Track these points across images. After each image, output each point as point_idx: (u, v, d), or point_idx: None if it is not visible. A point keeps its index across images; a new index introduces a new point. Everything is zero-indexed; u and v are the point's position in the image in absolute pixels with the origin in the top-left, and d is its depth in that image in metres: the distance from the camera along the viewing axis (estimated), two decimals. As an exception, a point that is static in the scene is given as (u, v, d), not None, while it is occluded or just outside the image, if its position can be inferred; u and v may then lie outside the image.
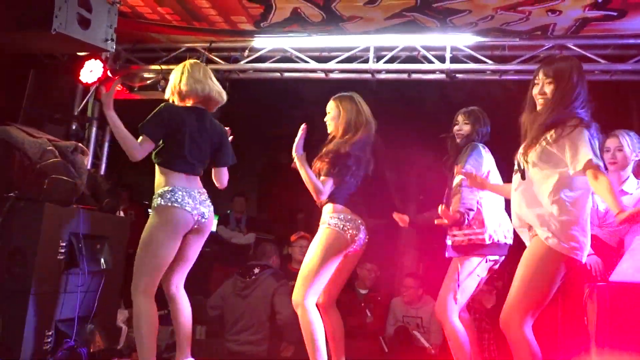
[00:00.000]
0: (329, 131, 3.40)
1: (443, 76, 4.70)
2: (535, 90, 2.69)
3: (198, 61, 3.39)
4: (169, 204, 2.95)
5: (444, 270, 3.48)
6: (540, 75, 2.68)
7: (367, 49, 4.76)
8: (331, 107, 3.39)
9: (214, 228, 5.27)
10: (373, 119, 3.37)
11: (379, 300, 5.09)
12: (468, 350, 3.22)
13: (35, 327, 3.22)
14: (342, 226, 3.20)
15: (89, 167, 4.24)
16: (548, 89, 2.63)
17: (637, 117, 5.56)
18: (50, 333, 3.32)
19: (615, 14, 3.90)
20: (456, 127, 3.53)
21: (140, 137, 2.97)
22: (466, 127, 3.51)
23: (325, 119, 3.40)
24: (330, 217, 3.23)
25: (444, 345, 4.89)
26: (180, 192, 2.97)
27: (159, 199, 2.97)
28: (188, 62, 3.19)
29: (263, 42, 4.89)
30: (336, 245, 3.18)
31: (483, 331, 4.46)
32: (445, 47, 4.62)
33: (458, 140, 3.49)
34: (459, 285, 3.24)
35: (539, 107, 2.67)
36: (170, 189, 2.97)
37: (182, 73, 3.13)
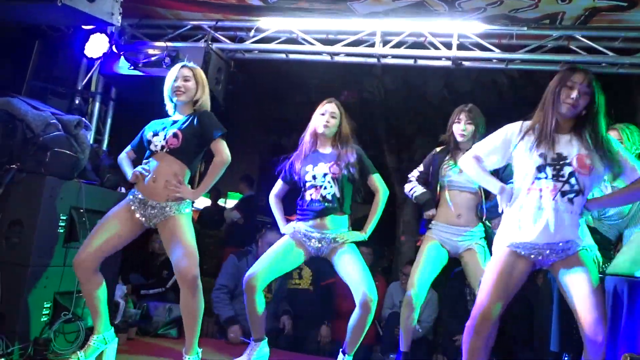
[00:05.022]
0: (327, 132, 3.38)
1: (449, 63, 4.66)
2: (566, 93, 2.55)
3: None
4: None
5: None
6: (581, 80, 2.54)
7: (373, 33, 4.71)
8: (339, 111, 3.45)
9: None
10: None
11: (377, 285, 5.11)
12: None
13: (34, 299, 3.24)
14: None
15: (91, 142, 4.24)
16: (582, 101, 2.54)
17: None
18: (48, 306, 3.34)
19: (625, 4, 3.85)
20: (459, 126, 3.48)
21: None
22: (470, 127, 3.48)
23: (331, 120, 3.39)
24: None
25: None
26: None
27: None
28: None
29: (269, 23, 4.85)
30: None
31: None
32: (452, 34, 4.58)
33: (460, 139, 3.48)
34: None
35: (565, 111, 2.56)
36: None
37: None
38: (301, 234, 3.34)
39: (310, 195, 3.32)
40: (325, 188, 3.30)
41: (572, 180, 2.52)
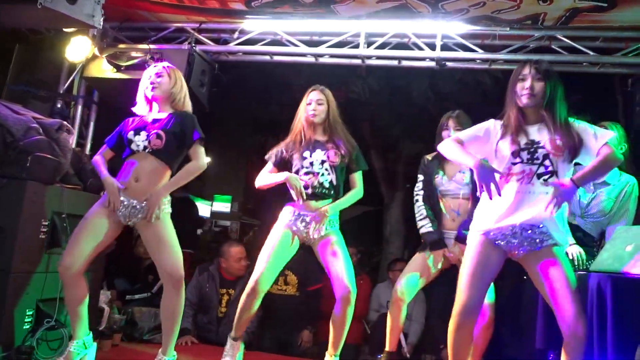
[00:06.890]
0: (317, 120, 3.38)
1: (433, 64, 4.67)
2: (520, 85, 2.64)
3: None
4: None
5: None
6: (529, 70, 2.63)
7: (357, 35, 4.71)
8: (325, 96, 3.42)
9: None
10: None
11: (361, 283, 5.12)
12: None
13: (16, 307, 3.19)
14: None
15: (73, 146, 4.20)
16: (538, 89, 2.61)
17: (623, 109, 5.59)
18: (30, 313, 3.29)
19: (605, 5, 3.90)
20: (447, 133, 3.47)
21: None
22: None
23: (318, 107, 3.38)
24: None
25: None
26: None
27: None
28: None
29: (253, 25, 4.83)
30: None
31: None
32: (435, 34, 4.59)
33: None
34: None
35: (524, 102, 2.62)
36: None
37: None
38: (294, 215, 3.32)
39: (305, 181, 3.31)
40: (322, 175, 3.31)
41: (547, 162, 2.58)
